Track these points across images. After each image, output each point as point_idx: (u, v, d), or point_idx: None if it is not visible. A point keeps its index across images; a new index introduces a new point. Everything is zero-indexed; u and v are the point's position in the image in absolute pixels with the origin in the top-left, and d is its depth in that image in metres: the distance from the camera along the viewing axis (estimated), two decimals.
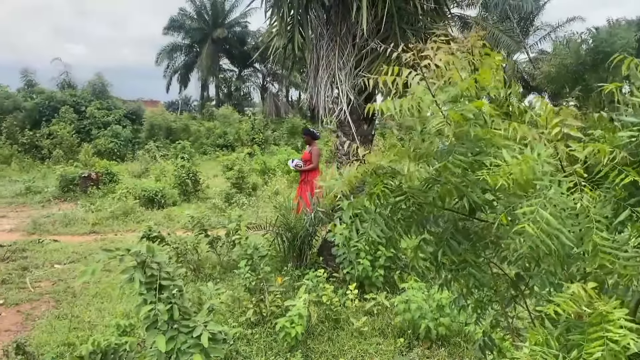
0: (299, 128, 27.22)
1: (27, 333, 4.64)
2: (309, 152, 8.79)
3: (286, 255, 5.88)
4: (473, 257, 2.11)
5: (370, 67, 5.10)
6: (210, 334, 3.17)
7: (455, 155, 1.64)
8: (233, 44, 38.07)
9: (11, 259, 7.11)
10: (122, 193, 10.70)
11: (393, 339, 4.27)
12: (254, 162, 15.49)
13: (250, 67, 40.97)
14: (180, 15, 37.50)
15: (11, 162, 18.86)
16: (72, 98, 22.07)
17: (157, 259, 3.26)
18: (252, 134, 24.19)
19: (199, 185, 12.36)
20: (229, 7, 37.69)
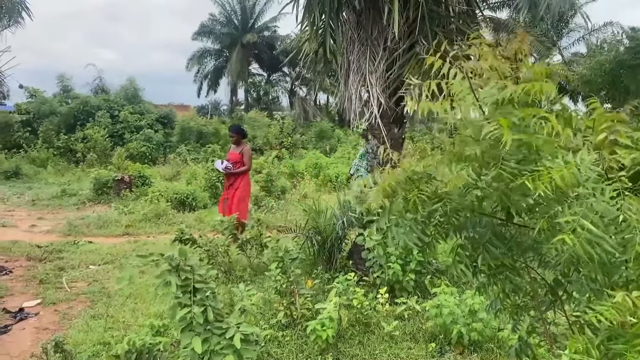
0: (327, 132, 27.30)
1: (64, 332, 4.75)
2: (239, 153, 8.02)
3: (316, 259, 5.89)
4: (511, 262, 2.08)
5: (401, 71, 5.09)
6: (243, 335, 3.20)
7: (506, 163, 1.60)
8: (262, 48, 38.36)
9: (48, 259, 7.30)
10: (154, 196, 10.89)
11: (424, 344, 4.24)
12: (282, 166, 15.57)
13: (279, 71, 41.26)
14: (210, 20, 38.02)
15: (47, 166, 19.39)
16: (106, 103, 22.58)
17: (190, 262, 3.31)
18: (281, 137, 24.32)
19: None
20: (258, 12, 38.00)
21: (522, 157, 1.75)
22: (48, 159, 19.92)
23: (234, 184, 7.96)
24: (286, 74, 41.46)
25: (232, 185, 7.97)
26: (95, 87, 25.44)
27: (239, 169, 7.94)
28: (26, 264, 7.14)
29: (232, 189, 7.94)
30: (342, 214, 5.64)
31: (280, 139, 24.24)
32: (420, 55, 4.89)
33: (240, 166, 7.96)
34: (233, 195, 7.90)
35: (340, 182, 13.55)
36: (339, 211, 5.82)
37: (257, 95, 41.42)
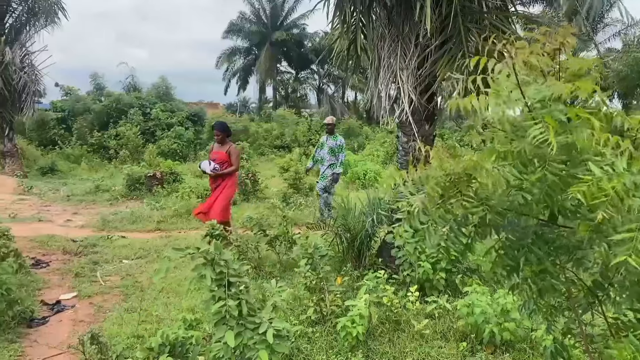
0: (355, 129, 27.23)
1: (99, 324, 4.87)
2: (225, 153, 7.44)
3: (345, 256, 5.89)
4: (551, 264, 2.04)
5: (433, 67, 5.04)
6: (275, 331, 3.23)
7: (553, 165, 1.57)
8: (291, 46, 38.52)
9: (83, 253, 7.49)
10: (185, 192, 11.05)
11: (455, 343, 4.20)
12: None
13: (307, 68, 41.38)
14: (240, 19, 38.35)
15: (81, 162, 19.87)
16: (138, 101, 22.99)
17: (225, 257, 3.35)
18: (309, 135, 24.38)
19: (257, 186, 12.57)
20: (287, 9, 38.15)
21: (568, 158, 1.72)
22: (82, 155, 20.40)
23: (220, 185, 7.45)
24: (314, 71, 41.57)
25: (218, 187, 7.46)
26: (127, 85, 25.93)
27: (226, 169, 7.41)
28: (62, 257, 7.33)
29: (218, 189, 7.44)
30: (371, 211, 5.63)
31: (308, 136, 24.29)
32: (453, 52, 4.84)
33: (228, 166, 7.42)
34: (218, 195, 7.40)
35: (369, 180, 13.52)
36: (368, 208, 5.80)
37: (285, 92, 41.63)
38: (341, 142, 9.39)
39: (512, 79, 1.81)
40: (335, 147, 9.29)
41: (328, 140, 9.39)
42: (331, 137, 9.40)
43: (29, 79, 16.34)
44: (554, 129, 1.58)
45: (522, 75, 1.77)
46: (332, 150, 9.27)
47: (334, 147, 9.28)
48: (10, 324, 4.69)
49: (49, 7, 16.25)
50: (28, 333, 4.71)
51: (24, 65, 16.50)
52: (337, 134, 9.59)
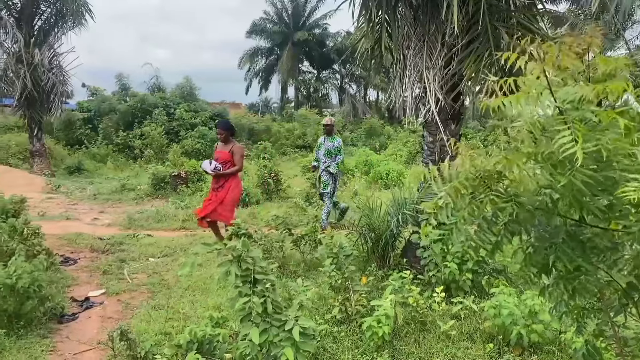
0: (377, 129, 27.15)
1: (127, 321, 4.95)
2: (228, 152, 7.24)
3: (369, 256, 5.88)
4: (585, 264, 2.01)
5: (460, 66, 5.01)
6: (301, 329, 3.24)
7: (581, 170, 1.55)
8: (312, 46, 38.59)
9: (110, 251, 7.61)
10: (208, 191, 11.13)
11: (482, 344, 4.16)
12: None
13: (329, 68, 41.40)
14: (262, 19, 38.55)
15: (107, 161, 20.20)
16: (162, 101, 23.27)
17: (252, 254, 3.38)
18: None
19: (280, 185, 12.61)
20: (309, 10, 38.24)
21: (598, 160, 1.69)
22: (108, 155, 20.73)
23: (223, 186, 7.20)
24: (336, 71, 41.58)
25: (221, 187, 7.20)
26: (151, 85, 26.26)
27: (229, 169, 7.20)
28: (90, 255, 7.47)
29: (222, 190, 7.18)
30: (396, 211, 5.61)
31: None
32: (480, 51, 4.79)
33: (231, 166, 7.21)
34: (223, 197, 7.14)
35: (391, 180, 13.47)
36: (392, 208, 5.78)
37: (307, 92, 41.71)
38: (339, 144, 9.12)
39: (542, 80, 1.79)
40: (333, 149, 9.02)
41: (325, 141, 9.14)
42: (329, 138, 9.13)
43: (57, 79, 16.68)
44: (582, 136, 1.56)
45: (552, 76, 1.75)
46: (329, 151, 9.01)
47: (331, 149, 9.02)
48: (42, 320, 4.79)
49: (76, 9, 16.54)
50: (59, 329, 4.81)
51: (52, 66, 16.85)
52: (335, 135, 9.31)
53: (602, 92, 1.63)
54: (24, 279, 4.40)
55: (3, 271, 4.42)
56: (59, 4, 16.53)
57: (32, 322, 4.68)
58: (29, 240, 5.96)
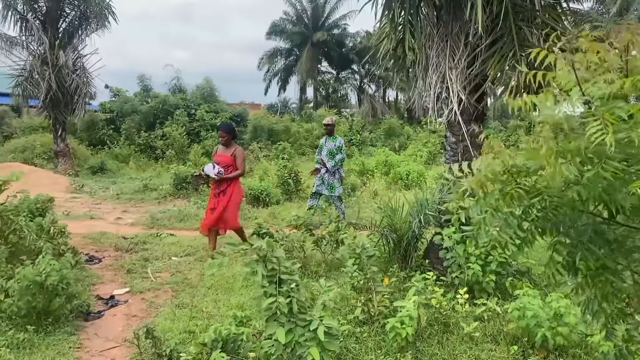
0: (396, 129, 27.05)
1: (151, 319, 5.01)
2: (230, 156, 7.06)
3: (391, 257, 5.87)
4: (612, 264, 1.99)
5: (483, 67, 4.97)
6: (326, 328, 3.25)
7: (610, 163, 1.54)
8: (332, 46, 38.61)
9: (134, 250, 7.72)
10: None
11: (506, 347, 4.14)
12: (352, 163, 15.59)
13: (348, 68, 41.38)
14: (282, 20, 38.69)
15: (129, 161, 20.48)
16: (183, 102, 23.51)
17: (277, 254, 3.41)
18: (350, 135, 24.37)
19: (300, 185, 12.65)
20: (328, 10, 38.26)
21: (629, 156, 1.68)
22: (130, 155, 21.01)
23: (225, 191, 7.03)
24: (355, 71, 41.53)
25: (222, 193, 7.03)
26: (172, 86, 26.54)
27: (231, 173, 7.04)
28: (114, 254, 7.58)
29: (223, 196, 7.03)
30: (418, 211, 5.59)
31: (349, 136, 24.28)
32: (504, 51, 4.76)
33: (233, 170, 7.05)
34: (226, 203, 7.00)
35: (412, 180, 13.42)
36: (414, 209, 5.77)
37: (325, 93, 41.73)
38: (340, 144, 9.04)
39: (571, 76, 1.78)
40: (334, 149, 8.97)
41: (327, 142, 9.10)
42: (330, 138, 9.09)
43: (80, 81, 16.95)
44: (613, 126, 1.55)
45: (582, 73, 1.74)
46: (331, 152, 8.95)
47: (332, 149, 8.96)
48: (69, 317, 4.88)
49: (100, 11, 16.80)
50: (85, 326, 4.90)
51: (76, 68, 17.14)
52: (336, 135, 9.25)
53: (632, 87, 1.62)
54: (52, 276, 4.48)
55: (33, 269, 4.51)
56: (82, 6, 16.81)
57: (60, 319, 4.76)
58: (56, 239, 6.07)
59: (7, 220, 5.43)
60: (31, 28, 16.37)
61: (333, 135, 9.14)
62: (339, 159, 8.95)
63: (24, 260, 5.10)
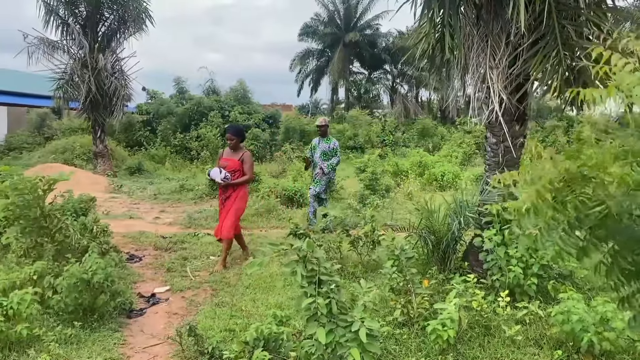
0: (430, 129, 26.81)
1: (192, 317, 5.10)
2: (238, 160, 6.76)
3: (429, 259, 5.83)
4: None
5: (525, 66, 4.89)
6: (367, 330, 3.25)
7: None
8: (364, 46, 38.50)
9: (173, 249, 7.86)
10: (264, 192, 11.33)
11: (549, 351, 4.06)
12: (386, 164, 15.52)
13: (380, 69, 41.22)
14: (313, 20, 38.81)
15: (165, 162, 20.85)
16: (217, 103, 23.81)
17: (317, 255, 3.42)
18: (383, 135, 24.26)
19: (333, 186, 12.64)
20: (361, 10, 38.20)
21: None
22: (166, 156, 21.39)
23: (230, 197, 6.78)
24: (387, 71, 41.32)
25: (228, 198, 6.79)
26: (207, 88, 26.89)
27: (238, 178, 6.73)
28: (153, 252, 7.73)
29: (229, 201, 6.79)
30: (457, 213, 5.53)
31: (382, 137, 24.17)
32: (547, 50, 4.67)
33: (240, 175, 6.74)
34: (230, 207, 6.78)
35: (447, 181, 13.28)
36: (453, 210, 5.71)
37: (357, 93, 41.64)
38: (335, 145, 8.81)
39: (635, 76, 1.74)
40: (329, 151, 8.73)
41: (320, 143, 8.85)
42: (324, 139, 8.83)
43: (119, 83, 17.35)
44: None
45: None
46: (325, 154, 8.72)
47: (327, 151, 8.73)
48: (112, 314, 5.01)
49: (138, 15, 17.16)
50: (128, 323, 5.02)
51: (114, 70, 17.55)
52: (330, 137, 8.98)
53: None
54: (98, 274, 4.61)
55: (80, 267, 4.64)
56: (121, 10, 17.20)
57: (104, 316, 4.90)
58: (98, 238, 6.24)
59: (54, 219, 5.63)
60: (72, 32, 16.83)
61: (327, 136, 8.91)
62: (335, 162, 8.78)
63: (69, 258, 5.27)
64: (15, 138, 23.08)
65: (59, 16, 16.85)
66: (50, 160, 18.21)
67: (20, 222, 5.50)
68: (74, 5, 16.94)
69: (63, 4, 16.79)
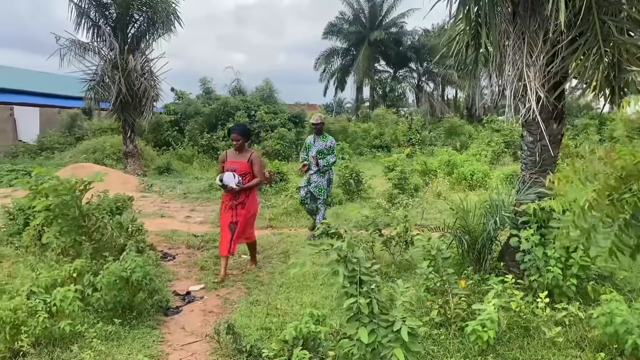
0: (457, 128, 26.55)
1: (227, 315, 5.15)
2: (247, 162, 6.29)
3: (464, 259, 5.77)
4: None
5: (564, 64, 4.81)
6: (410, 329, 3.24)
7: None
8: (389, 45, 38.38)
9: (205, 247, 7.95)
10: (293, 191, 11.36)
11: (592, 353, 3.99)
12: (414, 163, 15.41)
13: (405, 67, 41.01)
14: (338, 19, 38.79)
15: (193, 162, 21.08)
16: (244, 103, 23.96)
17: (357, 255, 3.43)
18: (409, 134, 24.11)
19: (361, 185, 12.63)
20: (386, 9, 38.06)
21: None
22: (193, 155, 21.62)
23: (244, 203, 6.34)
24: (413, 69, 41.08)
25: (241, 205, 6.32)
26: (232, 88, 27.09)
27: (250, 182, 6.31)
28: (186, 251, 7.83)
29: (242, 208, 6.33)
30: (493, 213, 5.46)
31: (408, 135, 24.02)
32: (587, 47, 4.58)
33: (251, 178, 6.32)
34: (247, 215, 6.40)
35: (476, 180, 13.13)
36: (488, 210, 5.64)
37: (382, 92, 41.49)
38: (332, 144, 8.47)
39: None
40: (325, 149, 8.36)
41: (317, 141, 8.44)
42: (320, 137, 8.46)
43: (148, 84, 17.60)
44: None
45: None
46: (321, 152, 8.35)
47: (323, 149, 8.35)
48: (150, 312, 5.09)
49: (166, 16, 17.38)
50: (165, 321, 5.09)
51: (144, 71, 17.79)
52: (326, 134, 8.65)
53: None
54: (137, 272, 4.69)
55: (119, 265, 4.73)
56: (150, 12, 17.43)
57: (142, 313, 4.98)
58: (134, 237, 6.34)
59: (92, 218, 5.74)
60: (103, 34, 17.13)
61: (322, 134, 8.56)
62: (332, 161, 8.44)
63: (106, 256, 5.38)
64: (47, 138, 23.58)
65: (90, 18, 17.17)
66: (82, 160, 18.55)
67: (59, 221, 5.63)
68: (104, 8, 17.24)
69: (94, 6, 17.11)
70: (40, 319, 4.10)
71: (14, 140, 23.75)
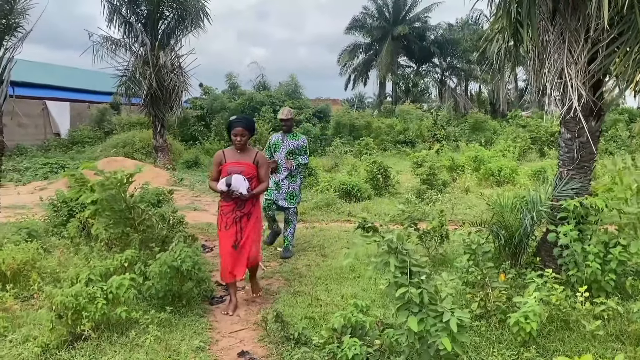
0: (482, 123, 26.43)
1: (269, 305, 5.33)
2: (252, 163, 5.21)
3: (500, 254, 5.86)
4: None
5: (605, 62, 4.87)
6: (458, 320, 3.37)
7: None
8: (412, 40, 38.28)
9: None
10: (324, 186, 11.53)
11: (632, 346, 4.07)
12: (443, 158, 15.45)
13: (428, 62, 40.86)
14: (362, 14, 38.81)
15: None
16: (269, 98, 24.23)
17: (407, 247, 3.57)
18: (434, 130, 24.10)
19: (389, 181, 12.74)
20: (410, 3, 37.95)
21: None
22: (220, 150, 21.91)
23: (249, 213, 5.25)
24: (436, 64, 40.92)
25: (247, 215, 5.23)
26: (257, 83, 27.39)
27: (258, 188, 5.27)
28: None
29: (247, 220, 5.24)
30: (529, 208, 5.54)
31: (433, 131, 24.00)
32: (629, 45, 4.63)
33: (257, 183, 5.27)
34: (252, 226, 5.29)
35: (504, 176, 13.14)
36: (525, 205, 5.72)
37: (405, 87, 41.41)
38: (304, 143, 7.38)
39: None
40: (297, 149, 7.28)
41: (285, 140, 7.30)
42: (289, 135, 7.34)
43: (178, 80, 17.89)
44: None
45: None
46: (292, 153, 7.26)
47: (294, 149, 7.26)
48: (197, 300, 5.30)
49: (196, 12, 17.64)
50: (211, 309, 5.30)
51: (173, 67, 18.07)
52: (297, 132, 7.64)
53: None
54: (187, 262, 4.90)
55: (170, 255, 4.94)
56: (180, 8, 17.71)
57: (190, 302, 5.19)
58: (176, 228, 6.56)
59: (138, 210, 5.98)
60: (134, 30, 17.46)
61: (292, 132, 7.45)
62: (304, 162, 7.42)
63: (152, 247, 5.61)
64: (77, 133, 24.14)
65: (122, 15, 17.51)
66: (112, 154, 18.96)
67: (107, 214, 5.89)
68: (135, 4, 17.55)
69: (125, 3, 17.44)
70: (99, 305, 4.33)
71: (50, 134, 24.36)
